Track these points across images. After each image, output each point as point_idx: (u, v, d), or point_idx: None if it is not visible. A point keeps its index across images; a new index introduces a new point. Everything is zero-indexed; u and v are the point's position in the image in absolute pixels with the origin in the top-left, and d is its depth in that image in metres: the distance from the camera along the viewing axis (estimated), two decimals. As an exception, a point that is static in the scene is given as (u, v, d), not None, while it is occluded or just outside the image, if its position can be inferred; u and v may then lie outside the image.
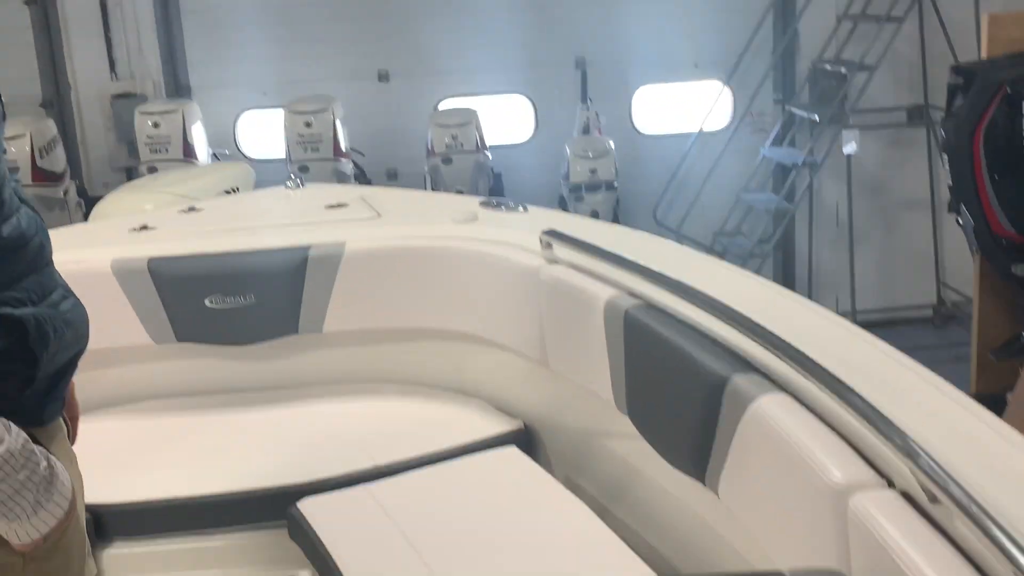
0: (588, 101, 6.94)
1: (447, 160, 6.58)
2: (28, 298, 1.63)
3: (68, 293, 1.77)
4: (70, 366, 1.77)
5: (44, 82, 7.13)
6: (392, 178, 7.31)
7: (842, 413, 1.75)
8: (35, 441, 1.61)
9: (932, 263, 7.03)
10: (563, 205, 6.61)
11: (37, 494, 1.55)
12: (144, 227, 3.39)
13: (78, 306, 1.78)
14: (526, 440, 2.89)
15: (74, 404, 1.95)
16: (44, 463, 1.58)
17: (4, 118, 1.70)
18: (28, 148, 6.21)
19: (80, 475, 1.83)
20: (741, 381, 1.97)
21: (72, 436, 1.86)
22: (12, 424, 1.55)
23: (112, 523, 2.61)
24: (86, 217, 6.31)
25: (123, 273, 3.07)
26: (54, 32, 7.07)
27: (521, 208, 3.28)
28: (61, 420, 1.80)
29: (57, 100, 7.16)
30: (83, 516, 1.78)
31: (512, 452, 2.78)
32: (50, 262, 1.74)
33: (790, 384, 1.93)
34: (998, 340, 4.75)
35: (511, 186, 6.96)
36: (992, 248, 4.52)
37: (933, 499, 1.50)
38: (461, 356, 3.18)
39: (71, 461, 1.78)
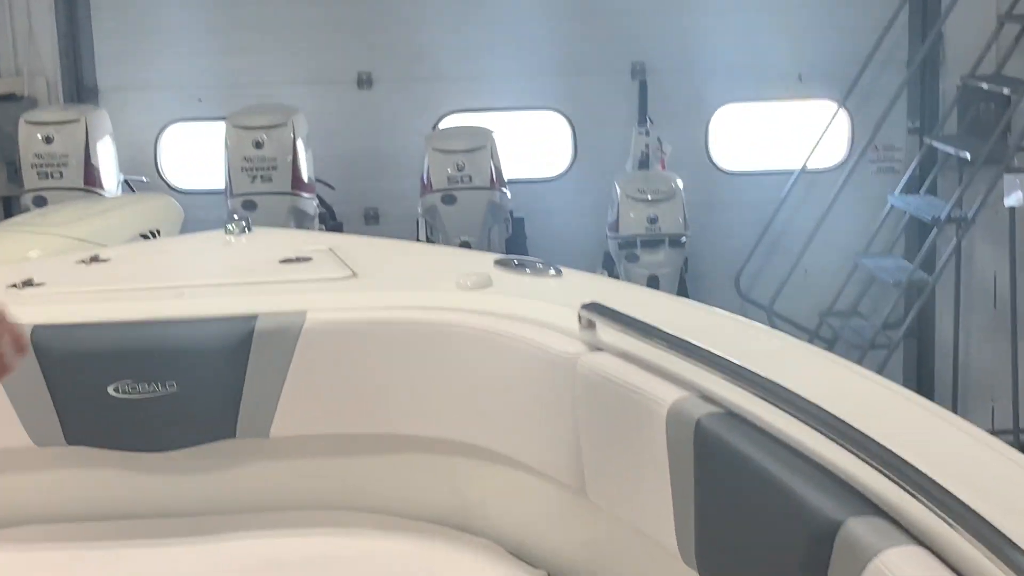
0: (648, 123, 6.96)
1: (450, 199, 6.58)
2: None
3: None
4: None
5: None
6: (372, 221, 7.35)
7: (997, 573, 1.75)
8: None
9: None
10: (610, 267, 6.62)
11: None
12: (28, 283, 3.39)
13: None
14: (552, 600, 2.89)
15: None
16: None
17: None
18: None
19: None
20: (859, 527, 1.97)
21: None
22: None
23: None
24: (-54, 265, 6.33)
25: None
26: None
27: (552, 270, 3.29)
28: None
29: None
30: None
31: (534, 619, 2.79)
32: None
33: (927, 533, 1.92)
34: None
35: (539, 238, 6.98)
36: None
37: None
38: (463, 477, 3.18)
39: None
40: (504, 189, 6.75)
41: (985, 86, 6.66)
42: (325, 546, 3.08)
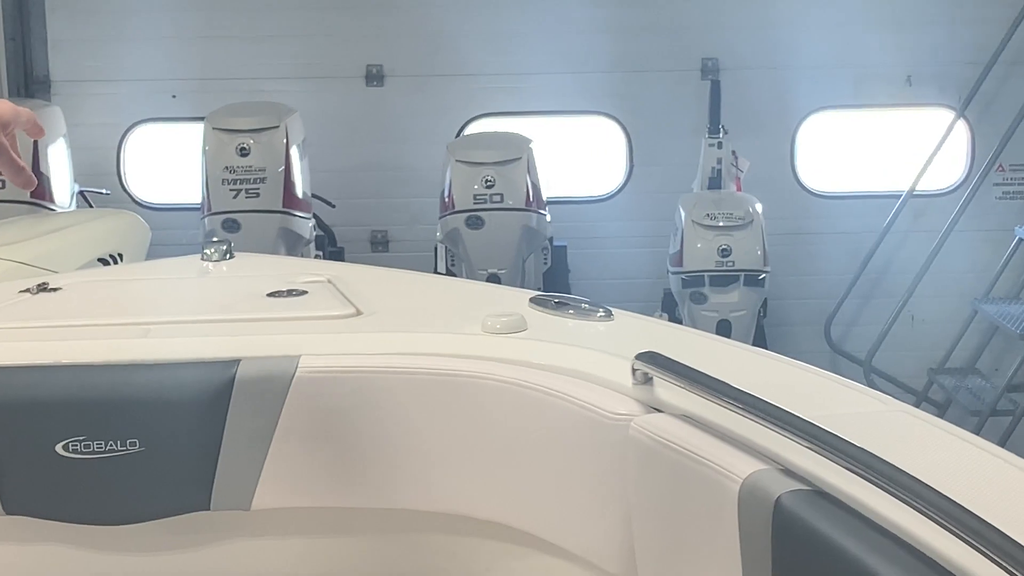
0: (721, 132, 6.98)
1: (476, 221, 6.61)
2: None
3: None
4: None
5: None
6: (380, 247, 7.40)
7: None
8: None
9: None
10: (670, 308, 6.63)
11: None
12: (-38, 317, 3.45)
13: None
14: None
15: None
16: None
17: None
18: None
19: None
20: (973, 633, 1.97)
21: None
22: None
23: None
24: None
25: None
26: None
27: (600, 312, 3.26)
28: None
29: None
30: None
31: None
32: None
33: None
34: None
35: (584, 270, 7.01)
36: None
37: None
38: (487, 564, 3.19)
39: None
40: (543, 211, 6.76)
41: None
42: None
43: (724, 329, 6.22)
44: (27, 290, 3.70)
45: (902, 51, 7.13)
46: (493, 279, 6.20)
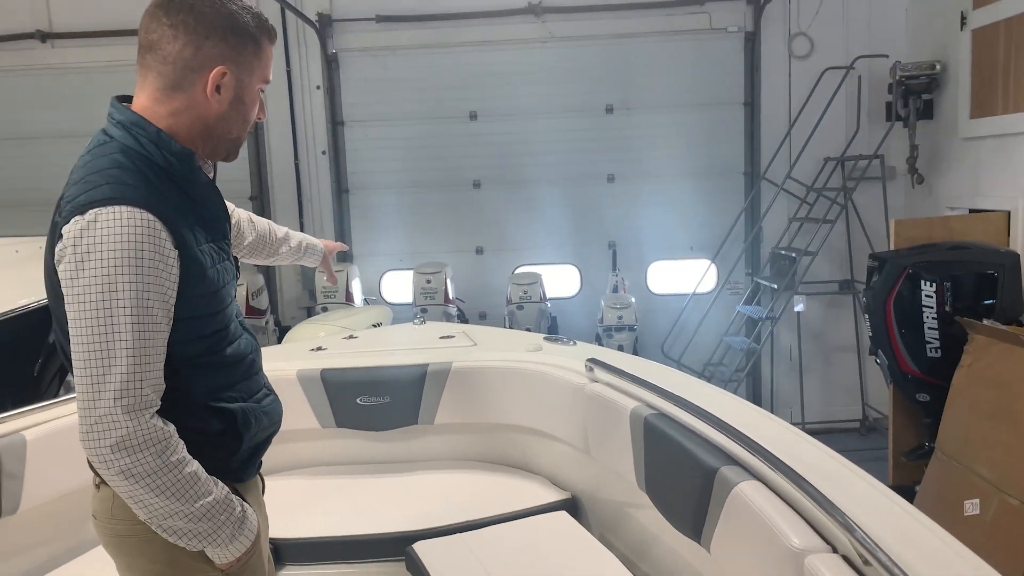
0: (617, 269, 6.93)
1: (520, 307, 6.56)
2: (240, 396, 1.66)
3: (270, 392, 1.81)
4: (266, 442, 1.79)
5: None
6: (483, 318, 7.29)
7: (798, 496, 1.71)
8: (235, 493, 1.64)
9: (858, 389, 6.82)
10: (599, 341, 6.56)
11: (233, 529, 1.57)
12: (319, 348, 3.43)
13: (275, 402, 1.82)
14: (573, 507, 2.83)
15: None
16: (239, 508, 1.60)
17: (237, 277, 1.76)
18: (244, 293, 6.44)
19: (267, 517, 1.85)
20: (727, 471, 1.94)
21: (263, 490, 1.88)
22: (219, 481, 1.58)
23: (286, 552, 2.60)
24: (279, 340, 6.43)
25: (304, 379, 3.11)
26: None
27: (572, 343, 3.27)
28: (258, 478, 1.83)
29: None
30: (267, 546, 1.79)
31: (563, 516, 2.74)
32: (259, 370, 1.78)
33: (760, 474, 1.89)
34: (908, 446, 4.67)
35: (564, 326, 6.93)
36: (902, 381, 4.47)
37: (866, 562, 1.46)
38: (529, 444, 3.14)
39: (260, 507, 1.79)
40: (547, 303, 6.70)
41: (783, 251, 6.62)
42: (459, 478, 3.05)
43: (620, 349, 6.14)
44: (345, 337, 3.73)
45: (689, 234, 7.03)
46: (528, 331, 6.12)
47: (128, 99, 1.57)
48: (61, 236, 1.43)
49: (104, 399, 1.39)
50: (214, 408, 1.60)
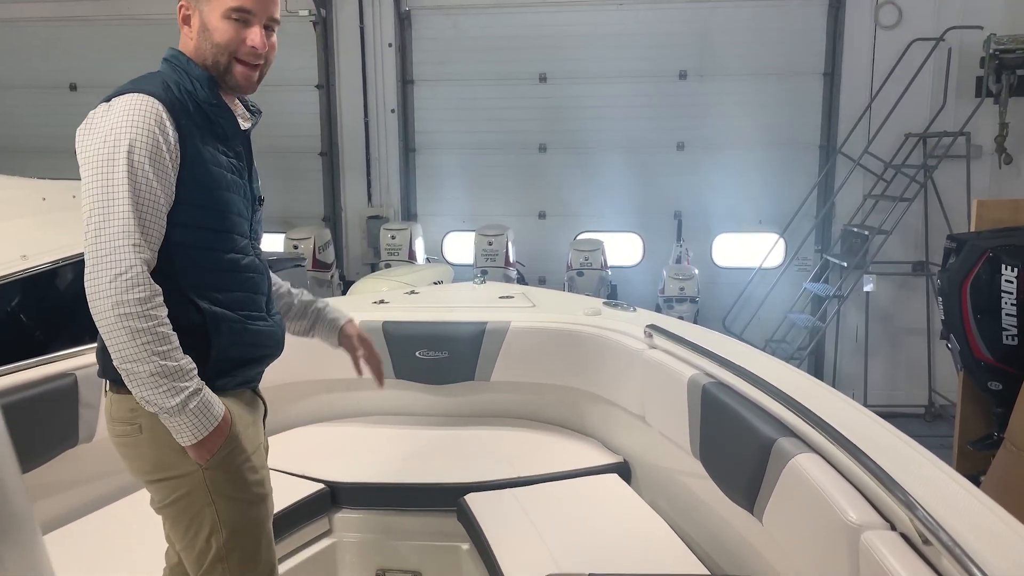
0: (682, 240, 6.82)
1: (580, 273, 6.53)
2: (225, 303, 1.69)
3: (270, 319, 1.81)
4: (255, 362, 1.79)
5: (326, 204, 7.41)
6: (543, 283, 7.30)
7: (857, 471, 1.67)
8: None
9: (926, 375, 6.59)
10: (659, 312, 6.49)
11: (185, 399, 1.60)
12: (381, 302, 3.47)
13: (273, 328, 1.81)
14: (625, 471, 2.84)
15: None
16: (197, 385, 1.61)
17: (259, 204, 1.83)
18: (311, 246, 6.57)
19: (266, 439, 1.85)
20: (785, 443, 1.90)
21: (265, 413, 1.88)
22: (193, 363, 1.63)
23: (342, 495, 2.69)
24: (344, 293, 6.56)
25: (366, 331, 3.17)
26: (336, 172, 7.33)
27: (632, 308, 3.24)
28: (258, 400, 1.84)
29: (333, 217, 7.38)
30: (264, 467, 1.80)
31: (614, 479, 2.74)
32: (262, 293, 1.79)
33: (820, 447, 1.85)
34: (975, 435, 4.50)
35: (623, 295, 6.87)
36: (973, 368, 4.29)
37: (925, 541, 1.42)
38: (584, 407, 3.14)
39: (252, 425, 1.77)
40: (608, 271, 6.64)
41: (856, 229, 6.41)
42: (513, 435, 3.08)
43: (681, 319, 6.05)
44: (407, 293, 3.77)
45: (758, 207, 6.88)
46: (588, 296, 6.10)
47: None
48: None
49: (107, 235, 1.54)
50: (193, 303, 1.65)
